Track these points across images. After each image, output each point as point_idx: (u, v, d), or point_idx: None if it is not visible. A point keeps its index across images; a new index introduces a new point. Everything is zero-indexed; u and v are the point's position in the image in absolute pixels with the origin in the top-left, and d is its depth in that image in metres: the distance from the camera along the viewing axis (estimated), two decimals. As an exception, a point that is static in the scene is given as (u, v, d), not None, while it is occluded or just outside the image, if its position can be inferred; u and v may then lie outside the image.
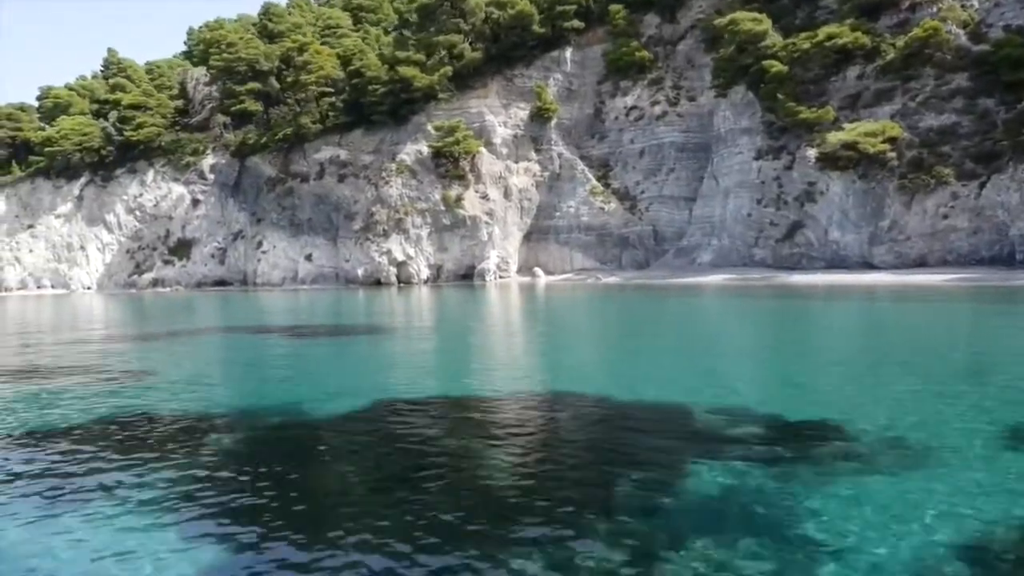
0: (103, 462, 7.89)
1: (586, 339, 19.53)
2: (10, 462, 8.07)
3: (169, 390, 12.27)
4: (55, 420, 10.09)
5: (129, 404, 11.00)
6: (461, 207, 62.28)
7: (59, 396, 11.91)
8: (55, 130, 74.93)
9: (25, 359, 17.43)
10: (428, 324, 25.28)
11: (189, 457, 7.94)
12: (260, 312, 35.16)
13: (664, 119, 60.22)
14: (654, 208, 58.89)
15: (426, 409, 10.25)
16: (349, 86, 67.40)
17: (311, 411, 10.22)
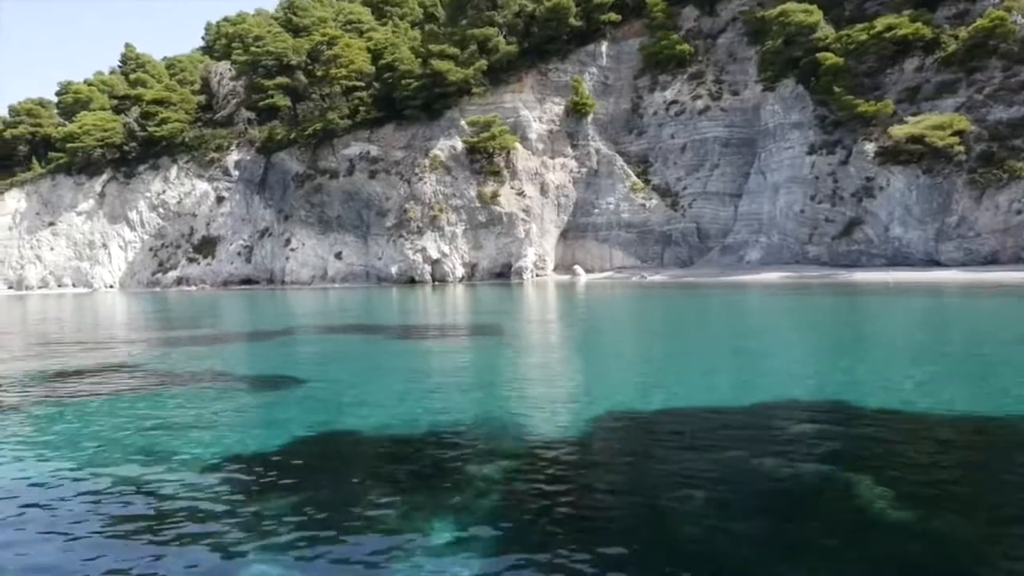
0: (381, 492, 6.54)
1: (694, 342, 18.10)
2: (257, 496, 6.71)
3: (340, 400, 10.88)
4: (270, 434, 8.71)
5: (337, 420, 9.62)
6: (497, 204, 60.90)
7: (262, 409, 10.53)
8: (77, 126, 73.54)
9: (146, 367, 16.04)
10: (522, 324, 23.88)
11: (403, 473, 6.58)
12: (325, 311, 33.62)
13: (707, 114, 58.82)
14: (697, 205, 57.50)
15: (666, 421, 8.87)
16: (380, 80, 65.96)
17: (539, 424, 8.82)
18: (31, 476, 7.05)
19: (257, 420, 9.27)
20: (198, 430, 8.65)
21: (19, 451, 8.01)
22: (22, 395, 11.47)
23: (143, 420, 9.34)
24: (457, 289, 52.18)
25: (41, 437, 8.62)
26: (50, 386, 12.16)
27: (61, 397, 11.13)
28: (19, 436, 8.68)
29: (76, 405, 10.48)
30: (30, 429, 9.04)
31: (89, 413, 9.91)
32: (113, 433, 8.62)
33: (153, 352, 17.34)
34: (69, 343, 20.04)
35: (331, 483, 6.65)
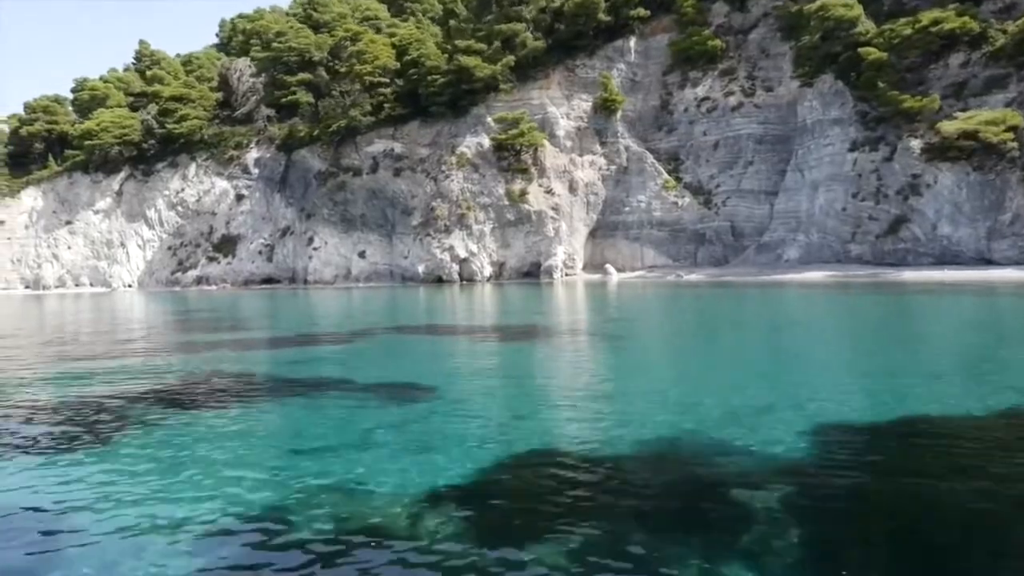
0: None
1: (825, 344, 17.15)
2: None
3: (489, 412, 9.96)
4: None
5: (508, 436, 8.69)
6: (526, 201, 59.97)
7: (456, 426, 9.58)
8: (94, 123, 72.55)
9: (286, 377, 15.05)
10: (608, 323, 22.92)
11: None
12: (376, 310, 32.63)
13: (740, 110, 57.90)
14: (731, 203, 56.58)
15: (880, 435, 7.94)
16: (405, 77, 65.00)
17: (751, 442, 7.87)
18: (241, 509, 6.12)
19: (427, 438, 8.23)
20: (369, 451, 7.65)
21: (200, 476, 7.07)
22: (160, 412, 10.53)
23: (296, 439, 8.41)
24: (486, 288, 51.23)
25: (219, 464, 7.67)
26: (182, 402, 11.21)
27: (205, 418, 10.19)
28: (192, 456, 7.75)
29: (216, 423, 9.54)
30: (206, 449, 8.11)
31: (235, 430, 8.97)
32: (291, 460, 7.66)
33: (248, 356, 16.39)
34: (148, 346, 19.10)
35: (566, 517, 5.66)
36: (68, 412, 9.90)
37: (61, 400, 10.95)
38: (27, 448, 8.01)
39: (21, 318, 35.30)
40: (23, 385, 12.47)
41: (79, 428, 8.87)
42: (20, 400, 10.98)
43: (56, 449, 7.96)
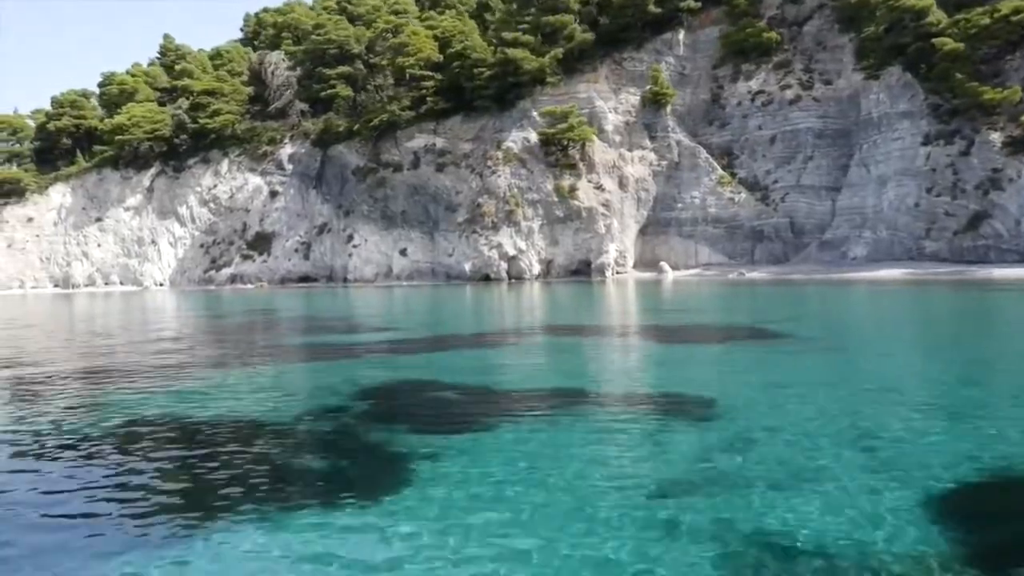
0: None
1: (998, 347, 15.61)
2: None
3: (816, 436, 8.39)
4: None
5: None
6: (575, 198, 58.42)
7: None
8: (125, 117, 70.89)
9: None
10: (789, 323, 21.40)
11: None
12: (478, 310, 31.08)
13: (798, 104, 56.37)
14: (790, 199, 55.06)
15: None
16: (448, 69, 63.38)
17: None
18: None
19: (781, 472, 6.69)
20: (805, 489, 6.07)
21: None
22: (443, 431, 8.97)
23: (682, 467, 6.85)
24: (538, 287, 49.70)
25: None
26: (458, 422, 9.64)
27: (511, 437, 8.63)
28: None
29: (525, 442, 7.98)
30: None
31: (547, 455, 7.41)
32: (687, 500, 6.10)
33: (439, 362, 14.82)
34: (307, 351, 17.53)
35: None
36: (316, 450, 8.24)
37: (284, 434, 9.36)
38: (304, 498, 6.11)
39: (117, 317, 33.69)
40: (249, 417, 10.92)
41: (346, 470, 7.24)
42: (265, 435, 9.18)
43: (341, 500, 5.94)
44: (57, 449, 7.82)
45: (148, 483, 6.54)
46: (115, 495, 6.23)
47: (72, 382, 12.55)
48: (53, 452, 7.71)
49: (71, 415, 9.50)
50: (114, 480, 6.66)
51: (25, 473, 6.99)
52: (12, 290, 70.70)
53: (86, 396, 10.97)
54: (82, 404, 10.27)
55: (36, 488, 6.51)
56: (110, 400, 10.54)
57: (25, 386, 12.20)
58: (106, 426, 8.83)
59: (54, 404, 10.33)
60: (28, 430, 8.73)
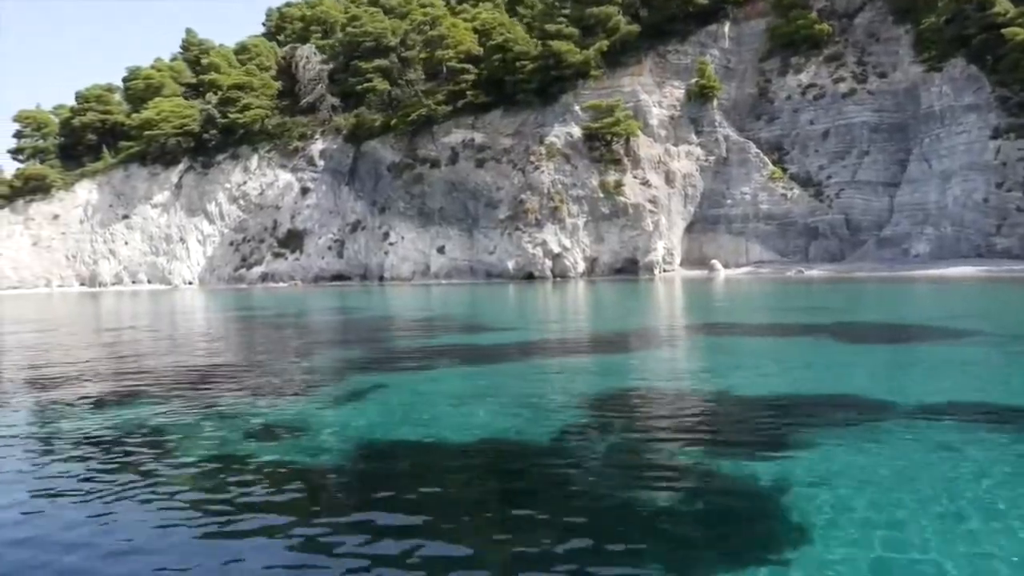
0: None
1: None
2: None
3: None
4: None
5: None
6: (621, 194, 56.97)
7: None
8: (153, 112, 69.40)
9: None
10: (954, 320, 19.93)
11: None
12: (570, 310, 29.60)
13: (852, 97, 54.93)
14: (846, 195, 53.62)
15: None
16: (488, 62, 61.90)
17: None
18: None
19: None
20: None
21: None
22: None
23: None
24: (580, 286, 48.31)
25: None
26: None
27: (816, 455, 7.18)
28: None
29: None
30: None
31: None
32: None
33: (629, 367, 13.38)
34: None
35: None
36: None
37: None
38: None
39: (189, 319, 32.19)
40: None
41: (714, 516, 5.84)
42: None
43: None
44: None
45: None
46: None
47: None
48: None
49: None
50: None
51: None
52: (38, 289, 69.25)
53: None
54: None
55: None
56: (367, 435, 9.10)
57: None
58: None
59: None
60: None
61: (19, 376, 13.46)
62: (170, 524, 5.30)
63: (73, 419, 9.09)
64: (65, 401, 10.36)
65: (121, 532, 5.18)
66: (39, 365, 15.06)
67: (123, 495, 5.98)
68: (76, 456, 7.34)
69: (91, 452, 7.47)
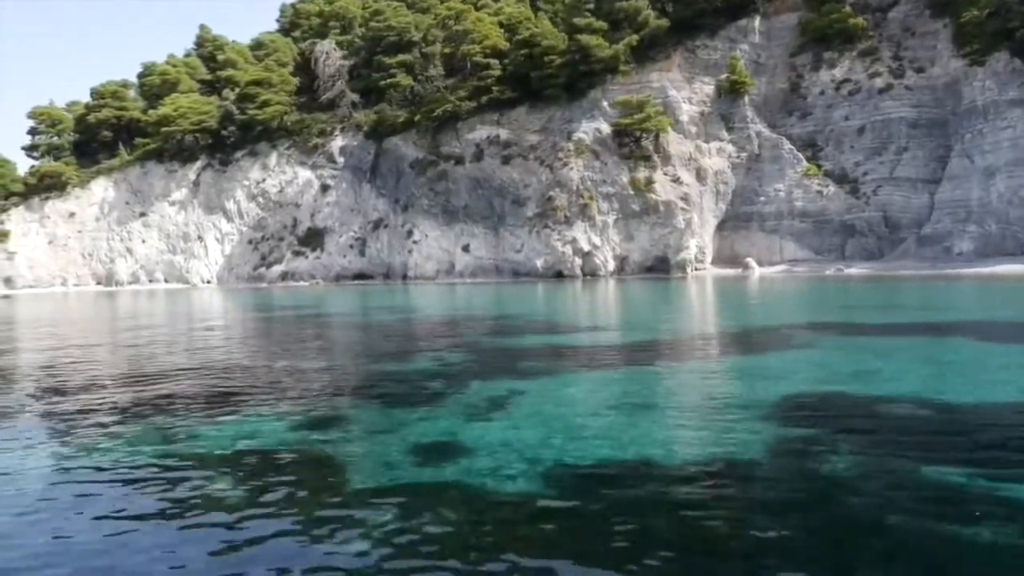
0: None
1: None
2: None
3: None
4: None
5: None
6: (652, 191, 55.92)
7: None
8: (171, 108, 68.29)
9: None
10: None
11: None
12: (635, 309, 28.62)
13: (889, 93, 53.89)
14: (884, 192, 52.56)
15: None
16: (514, 57, 60.85)
17: None
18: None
19: None
20: None
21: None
22: None
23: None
24: (611, 284, 47.22)
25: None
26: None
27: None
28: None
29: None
30: None
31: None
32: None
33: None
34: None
35: None
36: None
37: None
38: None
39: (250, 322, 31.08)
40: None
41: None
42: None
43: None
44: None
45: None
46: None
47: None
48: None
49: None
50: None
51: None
52: (54, 288, 68.16)
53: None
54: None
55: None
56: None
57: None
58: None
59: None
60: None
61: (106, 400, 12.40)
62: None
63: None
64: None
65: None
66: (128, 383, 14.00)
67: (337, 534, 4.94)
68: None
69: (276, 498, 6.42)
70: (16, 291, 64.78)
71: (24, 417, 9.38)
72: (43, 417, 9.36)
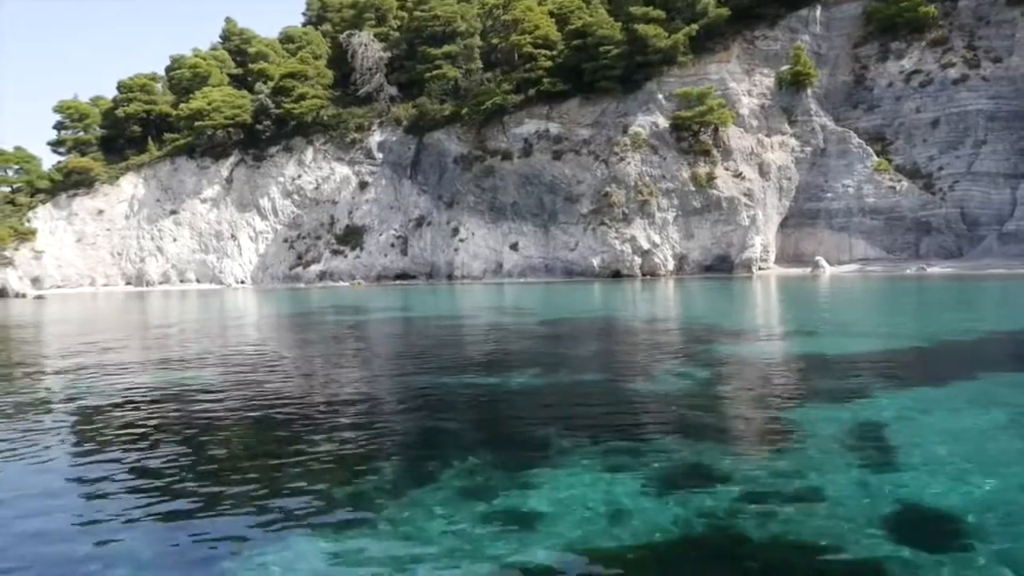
0: None
1: None
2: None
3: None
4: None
5: None
6: (714, 187, 53.63)
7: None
8: (204, 101, 65.80)
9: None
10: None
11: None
12: (775, 310, 26.32)
13: (965, 84, 51.56)
14: (961, 187, 50.23)
15: None
16: (566, 48, 58.47)
17: None
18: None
19: None
20: None
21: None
22: None
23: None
24: (669, 284, 44.85)
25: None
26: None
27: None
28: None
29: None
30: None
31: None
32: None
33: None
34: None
35: None
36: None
37: None
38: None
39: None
40: None
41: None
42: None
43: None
44: None
45: None
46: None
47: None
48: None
49: None
50: None
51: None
52: (83, 288, 65.69)
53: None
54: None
55: None
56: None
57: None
58: None
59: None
60: None
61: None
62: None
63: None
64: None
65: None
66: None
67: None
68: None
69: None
70: (44, 291, 62.34)
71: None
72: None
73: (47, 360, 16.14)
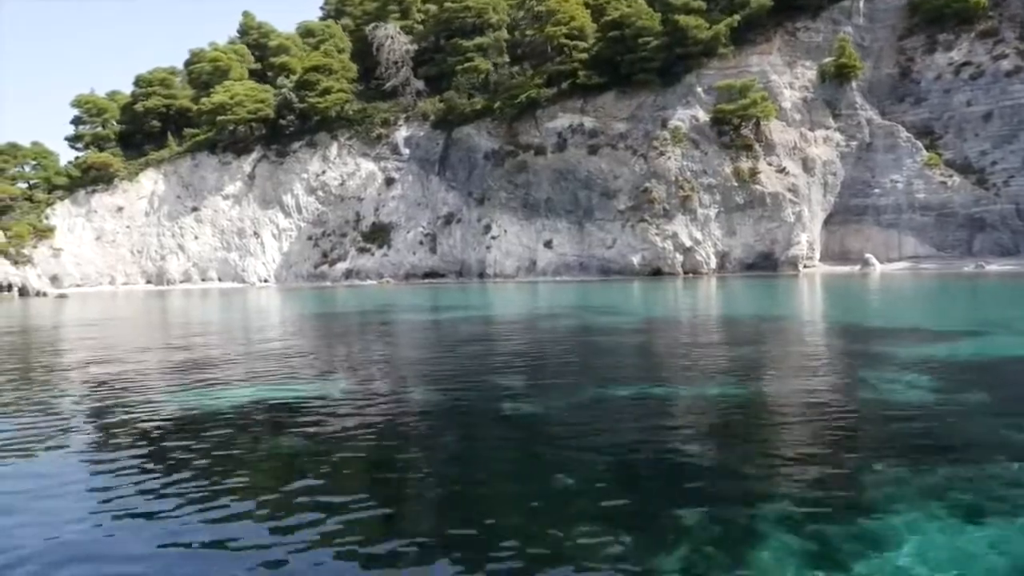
0: None
1: None
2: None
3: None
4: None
5: None
6: (757, 182, 52.13)
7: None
8: (227, 96, 64.22)
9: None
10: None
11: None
12: (898, 312, 24.75)
13: (1018, 76, 50.08)
14: (1016, 182, 48.72)
15: None
16: (603, 40, 56.89)
17: None
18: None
19: None
20: None
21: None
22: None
23: None
24: (712, 283, 43.23)
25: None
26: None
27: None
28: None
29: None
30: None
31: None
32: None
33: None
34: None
35: None
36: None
37: None
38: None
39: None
40: None
41: None
42: None
43: None
44: None
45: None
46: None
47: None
48: None
49: None
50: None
51: None
52: (102, 287, 64.09)
53: None
54: None
55: None
56: None
57: None
58: None
59: None
60: None
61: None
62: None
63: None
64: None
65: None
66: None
67: None
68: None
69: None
70: (63, 290, 60.72)
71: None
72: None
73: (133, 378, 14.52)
